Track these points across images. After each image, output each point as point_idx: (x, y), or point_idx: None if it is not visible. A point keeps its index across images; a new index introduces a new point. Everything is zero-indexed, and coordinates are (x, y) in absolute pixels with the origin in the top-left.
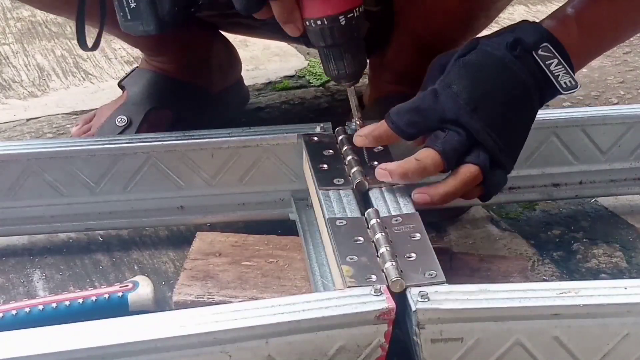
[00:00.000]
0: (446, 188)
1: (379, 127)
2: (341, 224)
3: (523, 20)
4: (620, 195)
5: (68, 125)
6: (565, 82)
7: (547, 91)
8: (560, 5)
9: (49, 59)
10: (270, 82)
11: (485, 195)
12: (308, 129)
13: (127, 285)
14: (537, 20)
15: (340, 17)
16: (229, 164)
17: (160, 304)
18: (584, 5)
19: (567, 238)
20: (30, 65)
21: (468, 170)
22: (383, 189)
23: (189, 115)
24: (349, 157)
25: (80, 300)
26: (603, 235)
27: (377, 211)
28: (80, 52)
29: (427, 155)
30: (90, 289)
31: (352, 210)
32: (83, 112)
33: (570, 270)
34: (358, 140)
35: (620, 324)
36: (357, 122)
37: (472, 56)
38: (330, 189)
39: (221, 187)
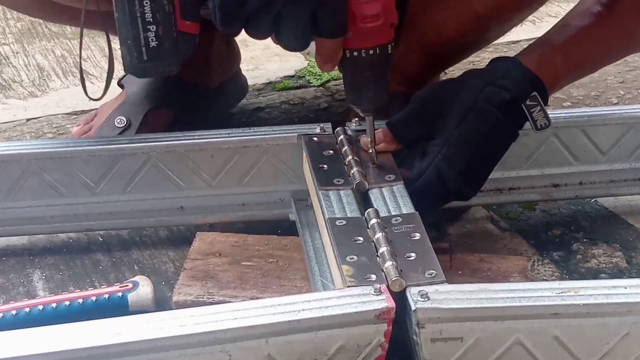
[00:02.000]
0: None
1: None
2: (341, 223)
3: (515, 59)
4: (620, 195)
5: (68, 125)
6: (540, 124)
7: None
8: (552, 28)
9: (49, 59)
10: (270, 82)
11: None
12: (308, 129)
13: (127, 285)
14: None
15: (388, 46)
16: (228, 164)
17: (160, 304)
18: (572, 41)
19: (567, 238)
20: (30, 65)
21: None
22: (383, 189)
23: (188, 113)
24: (349, 158)
25: (80, 300)
26: (603, 235)
27: (376, 211)
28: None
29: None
30: (90, 289)
31: (352, 210)
32: (83, 112)
33: (570, 270)
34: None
35: (620, 324)
36: (371, 152)
37: (472, 126)
38: (330, 189)
39: (221, 188)
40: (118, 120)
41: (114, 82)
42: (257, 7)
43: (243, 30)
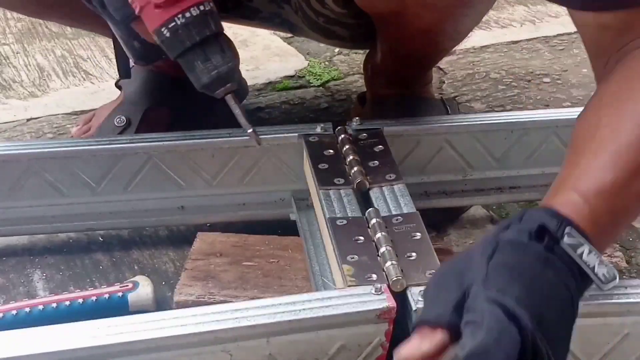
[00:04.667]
0: None
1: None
2: (342, 223)
3: (524, 210)
4: None
5: (68, 125)
6: (603, 274)
7: (582, 286)
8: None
9: (49, 59)
10: (270, 82)
11: None
12: (308, 129)
13: (127, 285)
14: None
15: (162, 30)
16: (229, 164)
17: (160, 304)
18: (590, 188)
19: None
20: (30, 66)
21: None
22: (383, 188)
23: (187, 112)
24: (350, 157)
25: (81, 300)
26: None
27: (377, 210)
28: (81, 52)
29: None
30: (90, 289)
31: (352, 209)
32: (83, 112)
33: None
34: None
35: (620, 324)
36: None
37: (506, 257)
38: (330, 189)
39: (222, 187)
40: (118, 120)
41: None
42: None
43: None
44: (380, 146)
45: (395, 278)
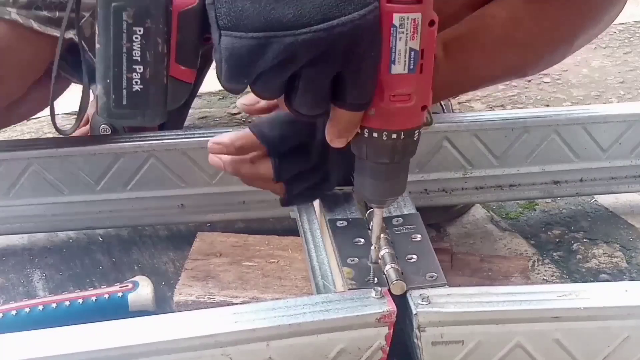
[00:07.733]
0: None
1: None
2: (342, 224)
3: None
4: (621, 192)
5: (68, 125)
6: None
7: None
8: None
9: None
10: None
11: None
12: None
13: (127, 286)
14: None
15: (415, 132)
16: None
17: (160, 304)
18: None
19: (567, 238)
20: None
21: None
22: None
23: (174, 111)
24: None
25: (81, 301)
26: (603, 235)
27: None
28: None
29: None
30: (90, 289)
31: (352, 210)
32: None
33: (570, 270)
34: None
35: (620, 327)
36: (373, 248)
37: None
38: None
39: (222, 186)
40: (102, 129)
41: None
42: (273, 64)
43: None
44: None
45: (395, 281)
